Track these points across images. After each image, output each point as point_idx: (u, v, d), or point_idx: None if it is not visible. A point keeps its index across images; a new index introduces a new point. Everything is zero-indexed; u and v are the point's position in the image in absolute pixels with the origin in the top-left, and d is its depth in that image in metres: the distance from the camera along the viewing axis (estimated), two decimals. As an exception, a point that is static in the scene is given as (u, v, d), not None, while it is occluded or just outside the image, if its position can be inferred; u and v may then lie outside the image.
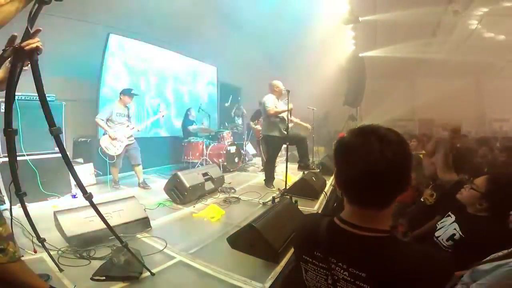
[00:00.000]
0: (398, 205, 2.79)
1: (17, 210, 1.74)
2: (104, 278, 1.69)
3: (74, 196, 3.43)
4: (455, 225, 1.59)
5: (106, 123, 3.94)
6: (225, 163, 5.34)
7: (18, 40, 1.26)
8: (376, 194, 0.68)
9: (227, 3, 6.24)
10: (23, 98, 3.06)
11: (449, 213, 1.71)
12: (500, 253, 1.17)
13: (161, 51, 6.06)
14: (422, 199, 2.47)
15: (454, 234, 1.55)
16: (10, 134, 1.35)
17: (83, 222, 2.15)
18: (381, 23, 7.93)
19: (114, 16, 4.93)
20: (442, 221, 1.73)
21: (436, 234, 1.68)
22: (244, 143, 6.89)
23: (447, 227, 1.63)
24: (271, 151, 4.24)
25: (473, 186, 1.56)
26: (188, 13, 5.95)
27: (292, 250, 2.11)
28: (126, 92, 4.12)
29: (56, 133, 1.42)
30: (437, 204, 2.26)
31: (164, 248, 2.21)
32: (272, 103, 3.99)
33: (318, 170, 4.80)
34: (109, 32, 4.85)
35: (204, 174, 3.70)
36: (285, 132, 3.79)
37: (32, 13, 1.23)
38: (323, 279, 0.78)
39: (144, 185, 4.15)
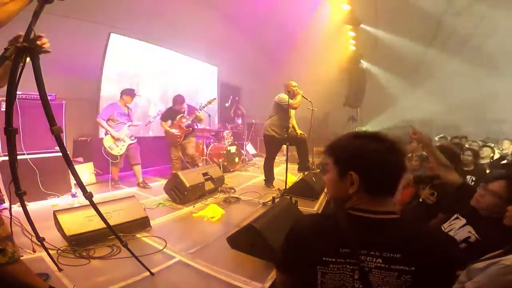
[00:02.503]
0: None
1: (17, 209, 1.75)
2: None
3: (73, 196, 3.43)
4: (469, 228, 1.56)
5: (107, 122, 3.94)
6: (225, 163, 5.34)
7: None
8: (396, 186, 0.82)
9: (227, 3, 6.25)
10: (23, 97, 3.06)
11: (457, 215, 1.69)
12: (495, 252, 1.18)
13: (161, 51, 6.06)
14: (421, 200, 2.46)
15: (469, 237, 1.53)
16: (11, 133, 1.35)
17: (83, 222, 2.15)
18: (382, 24, 7.95)
19: (115, 15, 4.93)
20: (450, 223, 1.70)
21: None
22: (244, 143, 6.89)
23: (458, 230, 1.61)
24: (269, 151, 4.24)
25: (493, 193, 1.50)
26: (189, 13, 5.97)
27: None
28: (128, 93, 4.13)
29: (56, 132, 1.42)
30: (439, 203, 2.26)
31: (164, 247, 2.21)
32: (287, 99, 3.91)
33: (318, 170, 4.79)
34: (110, 31, 4.85)
35: (204, 174, 3.70)
36: (285, 134, 3.78)
37: (35, 12, 1.24)
38: (348, 276, 0.77)
39: (144, 185, 4.15)
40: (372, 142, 0.80)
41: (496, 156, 4.77)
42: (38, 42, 1.26)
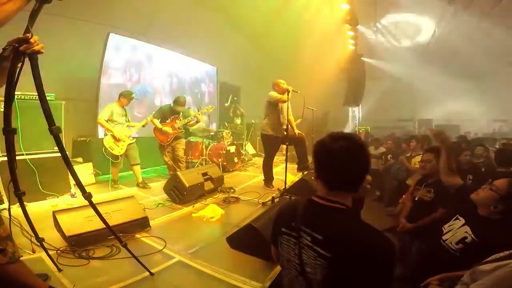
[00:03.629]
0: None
1: (16, 210, 1.74)
2: None
3: (73, 196, 3.43)
4: (466, 228, 1.56)
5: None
6: (224, 163, 5.34)
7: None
8: (350, 182, 0.89)
9: (227, 3, 6.24)
10: (22, 97, 3.05)
11: (457, 216, 1.69)
12: (501, 254, 1.16)
13: (160, 51, 6.05)
14: (416, 198, 2.47)
15: (465, 238, 1.53)
16: (10, 133, 1.35)
17: (82, 222, 2.15)
18: (380, 24, 7.95)
19: (114, 15, 4.93)
20: (449, 224, 1.70)
21: (444, 237, 1.66)
22: (243, 143, 6.89)
23: (456, 230, 1.61)
24: (267, 151, 4.24)
25: (493, 187, 1.54)
26: (188, 12, 5.96)
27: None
28: (126, 95, 4.13)
29: (55, 133, 1.42)
30: (437, 198, 2.28)
31: (164, 248, 2.21)
32: (278, 95, 3.93)
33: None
34: (109, 31, 4.84)
35: (204, 174, 3.70)
36: (284, 132, 3.79)
37: (33, 12, 1.23)
38: (292, 249, 0.90)
39: (143, 185, 4.14)
40: (334, 141, 0.89)
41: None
42: (22, 48, 1.24)
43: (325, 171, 0.91)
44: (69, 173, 1.78)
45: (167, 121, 4.48)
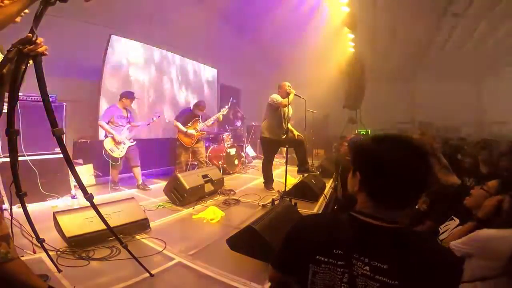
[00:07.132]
0: None
1: (17, 210, 1.75)
2: None
3: (73, 197, 3.43)
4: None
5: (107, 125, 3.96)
6: (225, 165, 5.35)
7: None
8: (405, 199, 0.75)
9: (228, 5, 6.28)
10: (24, 98, 3.07)
11: (453, 216, 1.71)
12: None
13: (161, 53, 6.08)
14: (417, 206, 2.44)
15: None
16: (12, 134, 1.36)
17: (82, 223, 2.15)
18: (380, 25, 7.98)
19: (115, 17, 4.95)
20: (445, 224, 1.73)
21: (440, 237, 1.68)
22: (244, 145, 6.90)
23: (452, 231, 1.63)
24: (266, 153, 4.26)
25: (484, 187, 1.57)
26: (189, 15, 5.99)
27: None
28: (128, 96, 4.15)
29: (58, 134, 1.43)
30: (430, 210, 2.24)
31: (164, 249, 2.21)
32: (280, 99, 3.93)
33: (318, 172, 4.80)
34: (111, 33, 4.87)
35: (204, 176, 3.71)
36: (282, 135, 3.80)
37: (37, 14, 1.25)
38: (338, 279, 0.75)
39: (143, 187, 4.15)
40: (386, 146, 0.76)
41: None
42: (26, 50, 1.25)
43: (376, 183, 0.76)
44: (70, 174, 1.80)
45: (188, 124, 4.66)
